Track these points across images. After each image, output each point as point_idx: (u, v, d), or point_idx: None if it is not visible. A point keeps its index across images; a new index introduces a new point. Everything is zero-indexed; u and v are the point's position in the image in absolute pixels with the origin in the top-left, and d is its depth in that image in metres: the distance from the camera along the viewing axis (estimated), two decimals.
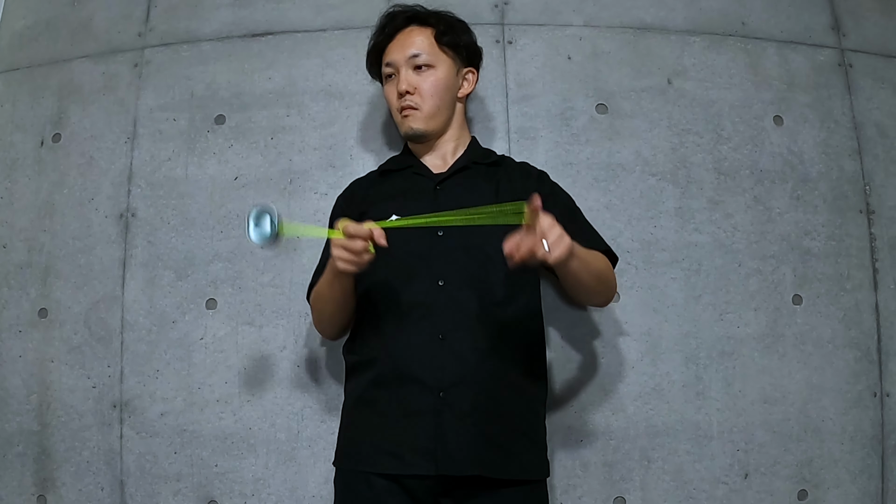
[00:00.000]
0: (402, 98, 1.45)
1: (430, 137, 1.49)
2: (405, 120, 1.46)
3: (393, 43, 1.48)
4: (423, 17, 1.50)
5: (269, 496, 1.60)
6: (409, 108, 1.45)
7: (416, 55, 1.45)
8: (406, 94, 1.44)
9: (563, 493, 1.59)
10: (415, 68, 1.45)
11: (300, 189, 1.70)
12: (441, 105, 1.47)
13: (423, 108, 1.45)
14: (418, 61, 1.45)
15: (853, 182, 1.75)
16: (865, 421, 1.66)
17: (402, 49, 1.46)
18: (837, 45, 1.82)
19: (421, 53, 1.45)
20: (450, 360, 1.32)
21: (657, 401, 1.63)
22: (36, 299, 1.72)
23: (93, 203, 1.74)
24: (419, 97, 1.44)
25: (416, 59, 1.45)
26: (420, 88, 1.44)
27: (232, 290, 1.67)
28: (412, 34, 1.47)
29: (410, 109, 1.45)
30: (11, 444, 1.68)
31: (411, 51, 1.45)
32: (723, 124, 1.75)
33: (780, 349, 1.66)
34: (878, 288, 1.72)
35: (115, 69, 1.81)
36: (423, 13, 1.51)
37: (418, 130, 1.46)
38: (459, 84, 1.51)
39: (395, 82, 1.47)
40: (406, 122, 1.46)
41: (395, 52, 1.47)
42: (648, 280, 1.66)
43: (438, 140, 1.50)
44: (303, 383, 1.63)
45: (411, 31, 1.48)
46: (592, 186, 1.69)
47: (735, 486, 1.61)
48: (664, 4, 1.80)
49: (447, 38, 1.48)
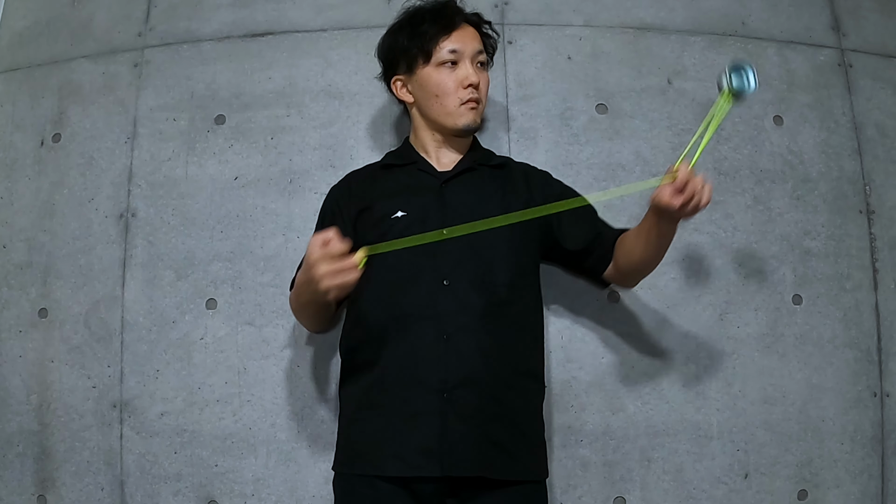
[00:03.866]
0: (469, 89, 1.44)
1: (474, 133, 1.51)
2: (470, 112, 1.45)
3: (459, 32, 1.46)
4: (475, 19, 1.51)
5: (269, 496, 1.60)
6: (475, 102, 1.45)
7: (482, 52, 1.48)
8: (476, 86, 1.44)
9: (563, 493, 1.59)
10: (479, 64, 1.47)
11: (300, 189, 1.70)
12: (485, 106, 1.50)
13: (482, 103, 1.47)
14: (482, 59, 1.48)
15: (853, 182, 1.75)
16: (865, 421, 1.66)
17: (472, 42, 1.46)
18: (837, 45, 1.82)
19: (484, 52, 1.49)
20: (454, 360, 1.31)
21: (657, 401, 1.63)
22: (36, 299, 1.72)
23: (93, 203, 1.74)
24: (481, 93, 1.46)
25: (481, 56, 1.47)
26: (481, 85, 1.46)
27: (232, 290, 1.67)
28: (470, 31, 1.48)
29: (476, 103, 1.45)
30: (11, 444, 1.68)
31: (479, 47, 1.47)
32: (723, 124, 1.74)
33: (780, 349, 1.66)
34: (878, 288, 1.72)
35: (115, 69, 1.81)
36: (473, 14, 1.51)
37: (477, 125, 1.47)
38: None
39: (455, 71, 1.44)
40: (470, 115, 1.45)
41: (464, 43, 1.45)
42: (648, 280, 1.65)
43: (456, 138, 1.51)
44: (303, 383, 1.63)
45: (468, 28, 1.48)
46: (592, 186, 1.69)
47: (735, 486, 1.61)
48: (664, 4, 1.80)
49: (492, 43, 1.53)
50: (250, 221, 1.70)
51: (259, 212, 1.70)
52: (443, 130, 1.48)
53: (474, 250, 1.37)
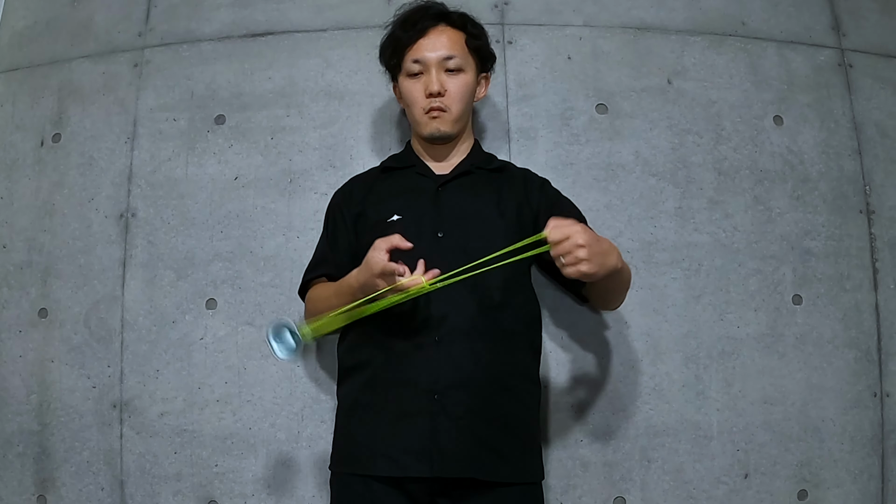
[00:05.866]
0: (431, 98, 1.42)
1: (450, 140, 1.48)
2: (433, 121, 1.43)
3: (425, 40, 1.43)
4: (455, 19, 1.47)
5: (269, 496, 1.60)
6: (439, 110, 1.42)
7: (450, 57, 1.42)
8: (437, 95, 1.42)
9: (563, 493, 1.59)
10: (446, 70, 1.43)
11: (300, 189, 1.70)
12: (466, 109, 1.46)
13: (451, 110, 1.43)
14: (451, 64, 1.43)
15: (853, 182, 1.75)
16: (865, 421, 1.66)
17: (435, 48, 1.42)
18: (837, 45, 1.82)
19: (455, 56, 1.43)
20: (445, 362, 1.31)
21: (657, 401, 1.63)
22: (36, 299, 1.72)
23: (93, 203, 1.74)
24: (449, 99, 1.42)
25: (449, 61, 1.43)
26: (450, 91, 1.42)
27: (232, 290, 1.67)
28: (444, 34, 1.44)
29: (439, 111, 1.42)
30: (11, 444, 1.68)
31: (445, 52, 1.42)
32: (723, 124, 1.75)
33: (780, 349, 1.66)
34: (878, 288, 1.72)
35: (115, 69, 1.81)
36: (455, 14, 1.48)
37: (444, 133, 1.44)
38: (476, 88, 1.49)
39: (422, 80, 1.43)
40: (433, 124, 1.43)
41: (427, 51, 1.43)
42: (648, 280, 1.66)
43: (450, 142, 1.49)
44: (303, 383, 1.63)
45: (443, 30, 1.44)
46: (592, 186, 1.69)
47: (735, 486, 1.61)
48: (664, 4, 1.80)
49: (475, 43, 1.46)
50: (250, 221, 1.70)
51: (259, 212, 1.70)
52: (420, 137, 1.50)
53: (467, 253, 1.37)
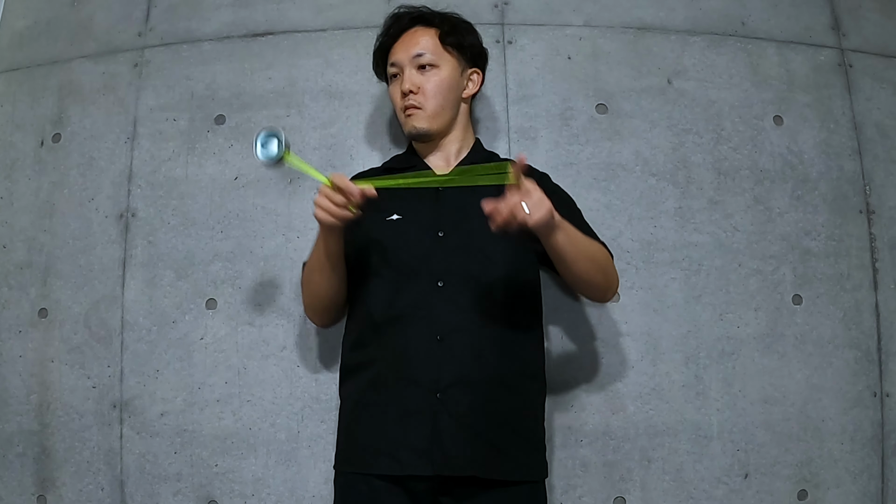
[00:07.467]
0: (405, 97, 1.45)
1: (433, 137, 1.48)
2: (409, 119, 1.46)
3: (398, 43, 1.49)
4: (428, 18, 1.50)
5: (269, 496, 1.60)
6: (413, 108, 1.45)
7: (420, 55, 1.45)
8: (409, 93, 1.44)
9: (563, 493, 1.59)
10: (419, 68, 1.45)
11: (300, 189, 1.70)
12: (445, 105, 1.46)
13: (426, 107, 1.45)
14: (422, 61, 1.45)
15: (853, 182, 1.75)
16: (865, 421, 1.66)
17: (407, 49, 1.46)
18: (837, 45, 1.82)
19: (425, 53, 1.45)
20: (447, 361, 1.32)
21: (657, 401, 1.63)
22: (36, 299, 1.72)
23: (93, 203, 1.74)
24: (423, 96, 1.44)
25: (420, 58, 1.45)
26: (423, 88, 1.44)
27: (232, 290, 1.67)
28: (416, 34, 1.47)
29: (414, 109, 1.45)
30: (11, 444, 1.68)
31: (415, 50, 1.45)
32: (723, 124, 1.75)
33: (780, 349, 1.66)
34: (878, 288, 1.72)
35: (115, 69, 1.81)
36: (428, 14, 1.51)
37: (421, 130, 1.45)
38: (464, 85, 1.50)
39: (400, 82, 1.46)
40: (409, 122, 1.46)
41: (400, 52, 1.47)
42: (648, 280, 1.66)
43: (442, 140, 1.50)
44: (303, 383, 1.63)
45: (416, 31, 1.48)
46: (592, 186, 1.69)
47: (735, 486, 1.61)
48: (664, 4, 1.80)
49: (451, 39, 1.48)
50: (250, 221, 1.70)
51: (259, 212, 1.70)
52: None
53: (469, 252, 1.37)
